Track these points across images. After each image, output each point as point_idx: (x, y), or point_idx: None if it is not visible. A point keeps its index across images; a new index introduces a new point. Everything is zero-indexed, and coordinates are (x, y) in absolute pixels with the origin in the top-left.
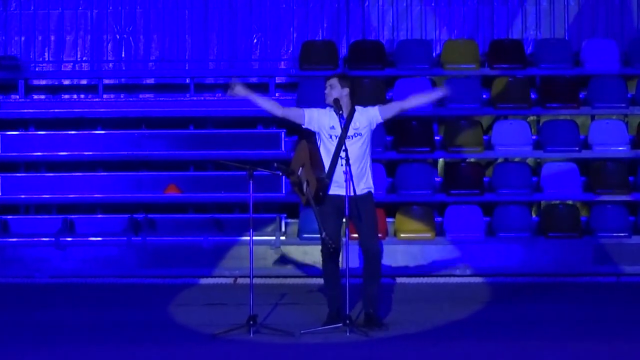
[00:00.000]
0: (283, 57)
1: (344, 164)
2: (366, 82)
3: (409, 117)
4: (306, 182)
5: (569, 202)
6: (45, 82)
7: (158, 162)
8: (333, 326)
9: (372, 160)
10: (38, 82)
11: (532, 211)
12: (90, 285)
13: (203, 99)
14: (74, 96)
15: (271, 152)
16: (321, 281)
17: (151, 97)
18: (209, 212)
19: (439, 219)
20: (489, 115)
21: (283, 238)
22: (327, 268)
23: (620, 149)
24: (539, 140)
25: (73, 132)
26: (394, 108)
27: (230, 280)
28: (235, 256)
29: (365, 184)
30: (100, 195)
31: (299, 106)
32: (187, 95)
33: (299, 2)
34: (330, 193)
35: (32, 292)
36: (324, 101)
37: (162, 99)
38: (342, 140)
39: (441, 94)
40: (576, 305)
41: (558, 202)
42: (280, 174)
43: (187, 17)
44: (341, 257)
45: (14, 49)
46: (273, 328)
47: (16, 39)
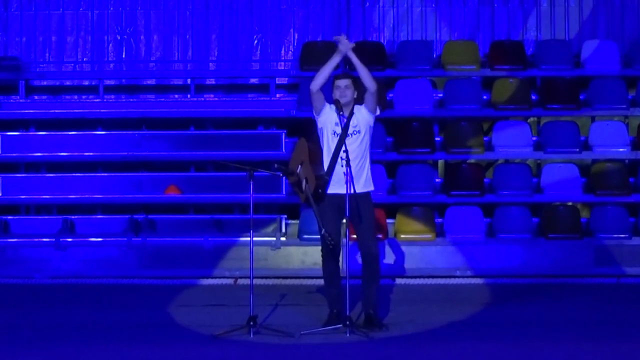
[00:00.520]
0: (284, 58)
1: (344, 164)
2: None
3: (409, 118)
4: (305, 180)
5: (570, 204)
6: (46, 83)
7: (158, 163)
8: (333, 327)
9: (373, 162)
10: (39, 83)
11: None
12: (90, 286)
13: (204, 99)
14: (75, 97)
15: (271, 153)
16: (321, 282)
17: (152, 97)
18: (209, 213)
19: (440, 220)
20: (490, 117)
21: (283, 239)
22: (327, 268)
23: (621, 150)
24: (540, 141)
25: (73, 132)
26: (368, 96)
27: (231, 281)
28: (235, 257)
29: (364, 182)
30: (100, 196)
31: (299, 107)
32: (187, 96)
33: (300, 3)
34: (329, 192)
35: (32, 292)
36: (331, 98)
37: (163, 99)
38: (342, 140)
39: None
40: (576, 306)
41: (558, 203)
42: (281, 174)
43: (188, 18)
44: (341, 257)
45: (14, 50)
46: (273, 329)
47: (17, 39)
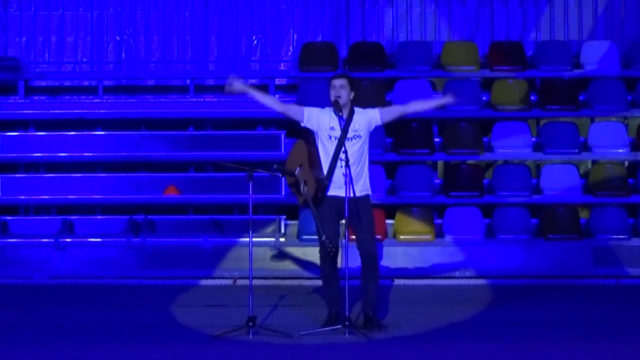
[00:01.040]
0: (283, 58)
1: (343, 165)
2: (366, 83)
3: (408, 119)
4: (304, 183)
5: (569, 204)
6: (45, 83)
7: (158, 163)
8: (332, 328)
9: (372, 162)
10: (38, 83)
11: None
12: (89, 286)
13: (203, 100)
14: (74, 97)
15: (271, 153)
16: (320, 282)
17: (151, 98)
18: (208, 214)
19: (439, 220)
20: (489, 117)
21: (282, 239)
22: (325, 269)
23: (620, 151)
24: (539, 142)
25: (73, 133)
26: (394, 111)
27: (230, 282)
28: (234, 257)
29: (362, 186)
30: (99, 196)
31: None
32: (187, 97)
33: (299, 4)
34: (328, 194)
35: (32, 293)
36: (328, 99)
37: (162, 100)
38: (341, 142)
39: (444, 101)
40: (576, 307)
41: (558, 204)
42: (280, 175)
43: (187, 18)
44: (340, 258)
45: (14, 50)
46: (272, 329)
47: (16, 40)
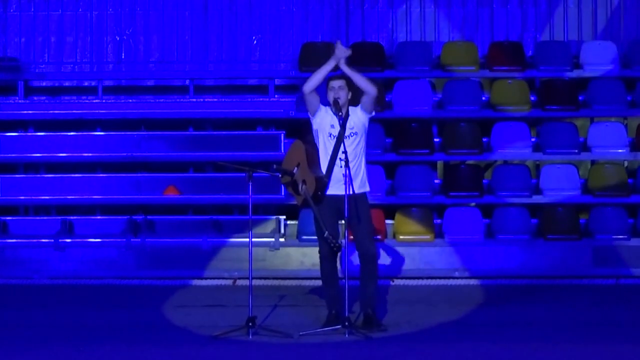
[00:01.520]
0: (283, 58)
1: (342, 165)
2: None
3: (408, 119)
4: (302, 182)
5: (568, 205)
6: (45, 84)
7: (157, 164)
8: (332, 328)
9: (372, 162)
10: (38, 84)
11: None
12: (89, 287)
13: (203, 100)
14: (74, 98)
15: (270, 153)
16: (320, 283)
17: (151, 98)
18: (208, 214)
19: (438, 221)
20: (488, 117)
21: (282, 240)
22: (325, 269)
23: (620, 151)
24: (538, 142)
25: (72, 133)
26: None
27: (230, 282)
28: (234, 257)
29: (360, 182)
30: (99, 197)
31: (298, 108)
32: (186, 97)
33: (299, 4)
34: (327, 193)
35: (31, 293)
36: (327, 98)
37: (162, 100)
38: (340, 140)
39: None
40: (575, 307)
41: (557, 204)
42: (280, 175)
43: (187, 19)
44: (339, 258)
45: (14, 51)
46: (272, 329)
47: (16, 40)
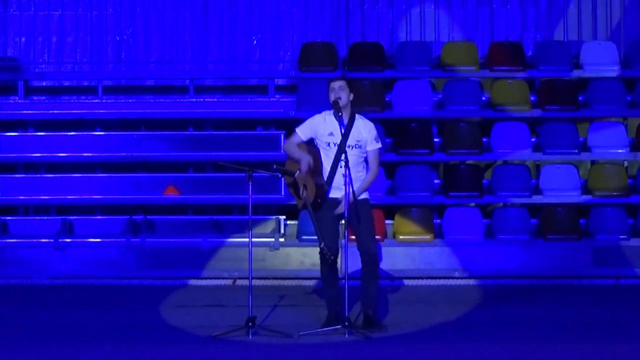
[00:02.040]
0: (283, 58)
1: (342, 165)
2: (366, 84)
3: (408, 119)
4: (303, 187)
5: (568, 205)
6: (45, 84)
7: (157, 164)
8: (332, 328)
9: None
10: (38, 84)
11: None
12: (89, 287)
13: (202, 100)
14: (74, 98)
15: (270, 153)
16: (320, 283)
17: (151, 98)
18: (208, 214)
19: (438, 221)
20: (488, 117)
21: (282, 240)
22: (325, 270)
23: (620, 151)
24: (538, 142)
25: (72, 133)
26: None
27: (229, 282)
28: (234, 257)
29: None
30: (99, 197)
31: (298, 108)
32: (186, 97)
33: (299, 4)
34: (329, 196)
35: (31, 293)
36: (328, 101)
37: (162, 100)
38: (342, 145)
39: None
40: (575, 307)
41: (557, 204)
42: (280, 175)
43: (186, 19)
44: (340, 259)
45: (13, 50)
46: (272, 330)
47: (16, 40)
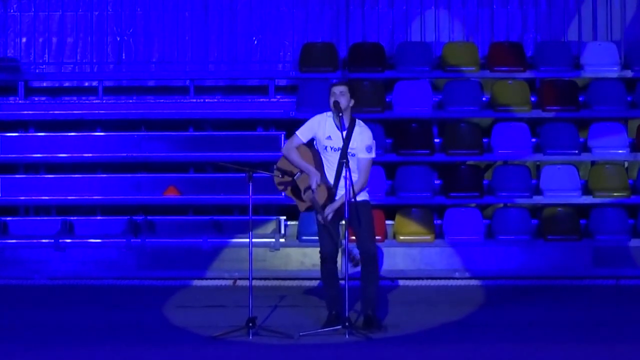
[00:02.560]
0: (283, 59)
1: (344, 167)
2: (366, 84)
3: (408, 119)
4: (307, 188)
5: (569, 205)
6: (45, 84)
7: (158, 164)
8: (332, 328)
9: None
10: (38, 84)
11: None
12: (89, 287)
13: (203, 101)
14: (74, 98)
15: (271, 154)
16: (320, 283)
17: (151, 99)
18: (208, 214)
19: (439, 221)
20: (489, 118)
21: (282, 240)
22: (325, 270)
23: (620, 152)
24: (539, 143)
25: (73, 133)
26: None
27: (230, 282)
28: (234, 258)
29: (362, 192)
30: (99, 197)
31: (298, 109)
32: (187, 97)
33: (299, 4)
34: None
35: (31, 293)
36: (328, 105)
37: (162, 101)
38: (345, 149)
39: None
40: (575, 308)
41: (557, 205)
42: (280, 176)
43: (187, 19)
44: (340, 259)
45: (14, 51)
46: (272, 330)
47: (16, 40)
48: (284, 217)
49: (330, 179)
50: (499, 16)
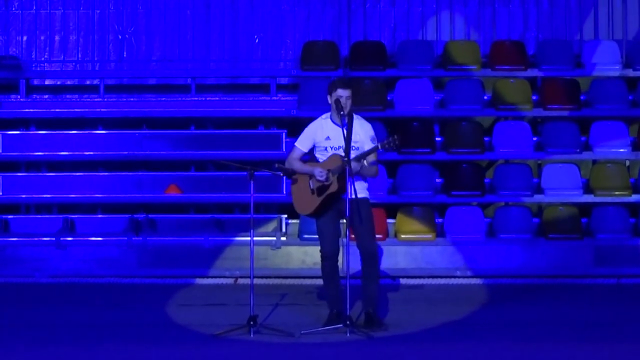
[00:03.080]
0: (284, 57)
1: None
2: (367, 82)
3: (409, 118)
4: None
5: (570, 204)
6: (46, 82)
7: (159, 162)
8: (333, 327)
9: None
10: (40, 82)
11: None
12: (90, 285)
13: (204, 99)
14: (76, 96)
15: (272, 152)
16: (321, 282)
17: (153, 97)
18: (209, 213)
19: (440, 220)
20: (490, 117)
21: (284, 238)
22: (326, 268)
23: (621, 150)
24: (540, 141)
25: (74, 132)
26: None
27: (231, 281)
28: (235, 256)
29: (362, 189)
30: (101, 195)
31: (300, 107)
32: (188, 96)
33: (301, 3)
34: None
35: (32, 291)
36: (327, 101)
37: (164, 99)
38: (347, 147)
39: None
40: (576, 307)
41: (559, 203)
42: (281, 174)
43: (188, 17)
44: (340, 258)
45: (15, 49)
46: (273, 328)
47: (18, 38)
48: (285, 216)
49: None
50: (500, 15)
